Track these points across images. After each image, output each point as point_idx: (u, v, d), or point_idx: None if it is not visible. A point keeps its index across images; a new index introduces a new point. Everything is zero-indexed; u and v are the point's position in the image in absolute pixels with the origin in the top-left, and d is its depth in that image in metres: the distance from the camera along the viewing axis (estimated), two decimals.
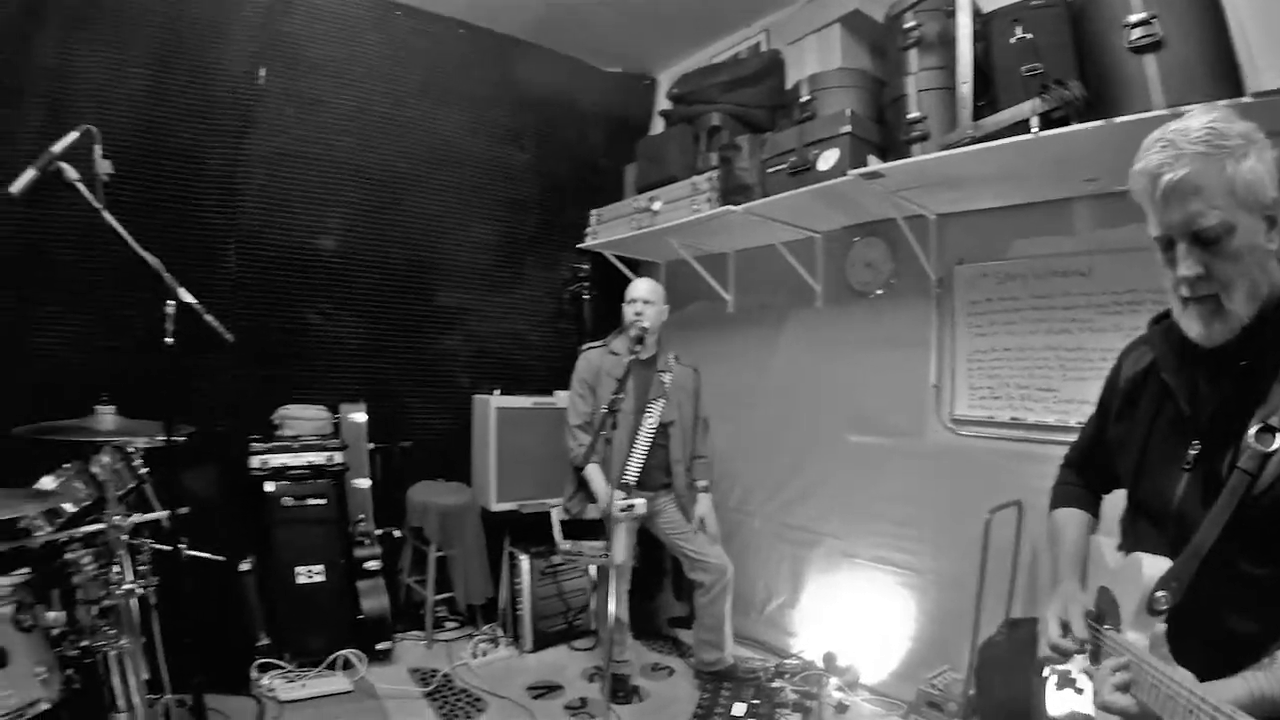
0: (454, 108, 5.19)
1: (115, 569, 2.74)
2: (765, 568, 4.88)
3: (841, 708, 3.96)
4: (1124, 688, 1.31)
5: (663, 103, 5.57)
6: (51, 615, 2.69)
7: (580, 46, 5.58)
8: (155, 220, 4.03)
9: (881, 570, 4.20)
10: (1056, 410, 3.51)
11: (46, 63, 3.88)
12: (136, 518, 2.92)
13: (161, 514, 3.07)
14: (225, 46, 4.36)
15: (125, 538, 2.80)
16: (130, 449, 3.13)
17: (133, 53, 4.10)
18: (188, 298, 2.60)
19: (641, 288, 4.18)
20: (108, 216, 2.41)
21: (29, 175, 2.36)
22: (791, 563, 4.73)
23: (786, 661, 4.32)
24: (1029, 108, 2.87)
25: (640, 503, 3.76)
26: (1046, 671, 1.74)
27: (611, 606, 3.57)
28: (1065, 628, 1.57)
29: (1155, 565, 1.40)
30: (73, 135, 2.43)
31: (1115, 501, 1.80)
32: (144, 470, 3.19)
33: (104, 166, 2.47)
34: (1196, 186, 1.29)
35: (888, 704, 3.98)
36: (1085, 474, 1.91)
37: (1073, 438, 3.27)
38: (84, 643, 2.71)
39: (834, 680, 4.16)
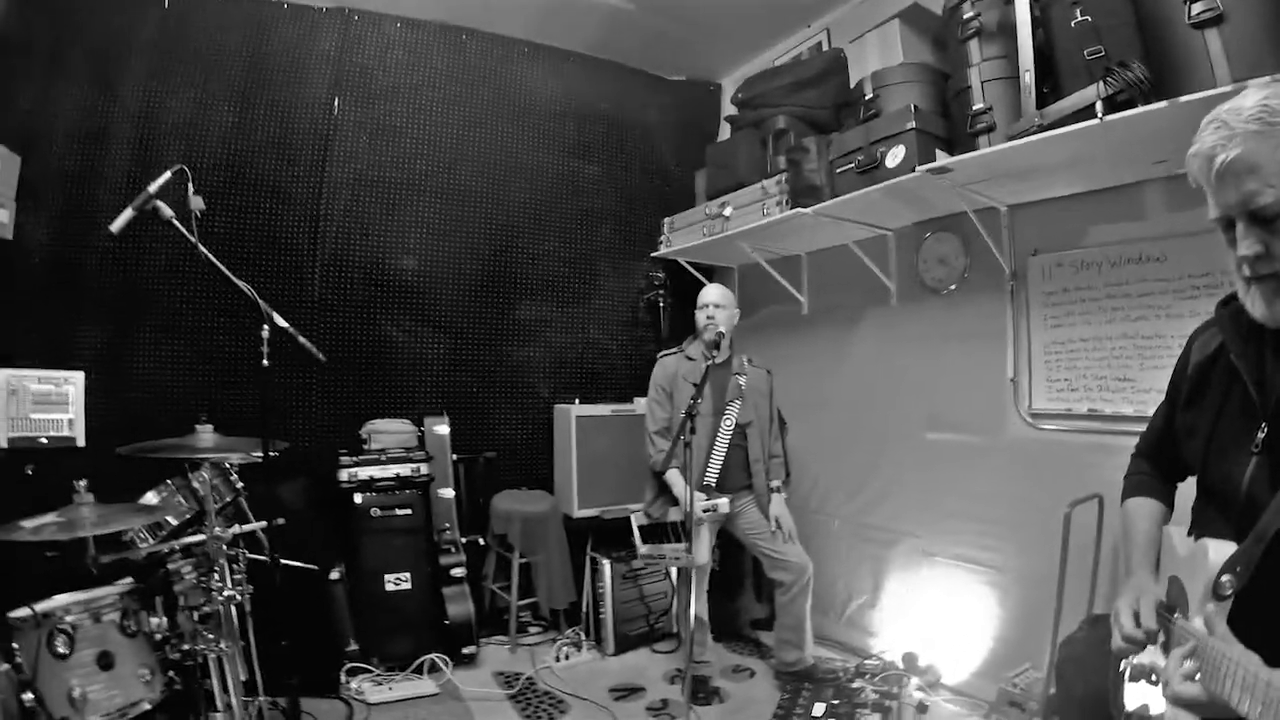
0: (523, 125, 5.36)
1: (215, 577, 2.89)
2: (845, 568, 4.86)
3: (922, 708, 3.91)
4: (1191, 676, 1.29)
5: (728, 108, 5.63)
6: (155, 621, 2.88)
7: (644, 58, 5.71)
8: (243, 249, 4.31)
9: (962, 568, 4.15)
10: (1135, 401, 3.42)
11: (133, 106, 4.19)
12: (236, 529, 3.09)
13: (260, 525, 3.26)
14: (302, 80, 4.64)
15: (225, 548, 2.95)
16: (227, 465, 3.33)
17: (215, 92, 4.41)
18: (281, 322, 2.73)
19: (712, 293, 4.24)
20: (203, 250, 2.56)
21: (127, 215, 2.50)
22: (871, 563, 4.71)
23: (867, 662, 4.28)
24: (1093, 92, 2.83)
25: (723, 502, 3.87)
26: (1122, 665, 1.73)
27: (693, 607, 3.63)
28: (1137, 619, 1.56)
29: (1221, 549, 1.38)
30: (166, 175, 2.57)
31: (1188, 490, 1.78)
32: (240, 485, 3.39)
33: (196, 203, 2.61)
34: (1251, 165, 1.28)
35: (970, 704, 3.92)
36: (1156, 463, 1.89)
37: None
38: (185, 646, 2.87)
39: (914, 680, 4.12)
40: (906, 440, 4.49)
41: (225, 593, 2.89)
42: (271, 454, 2.89)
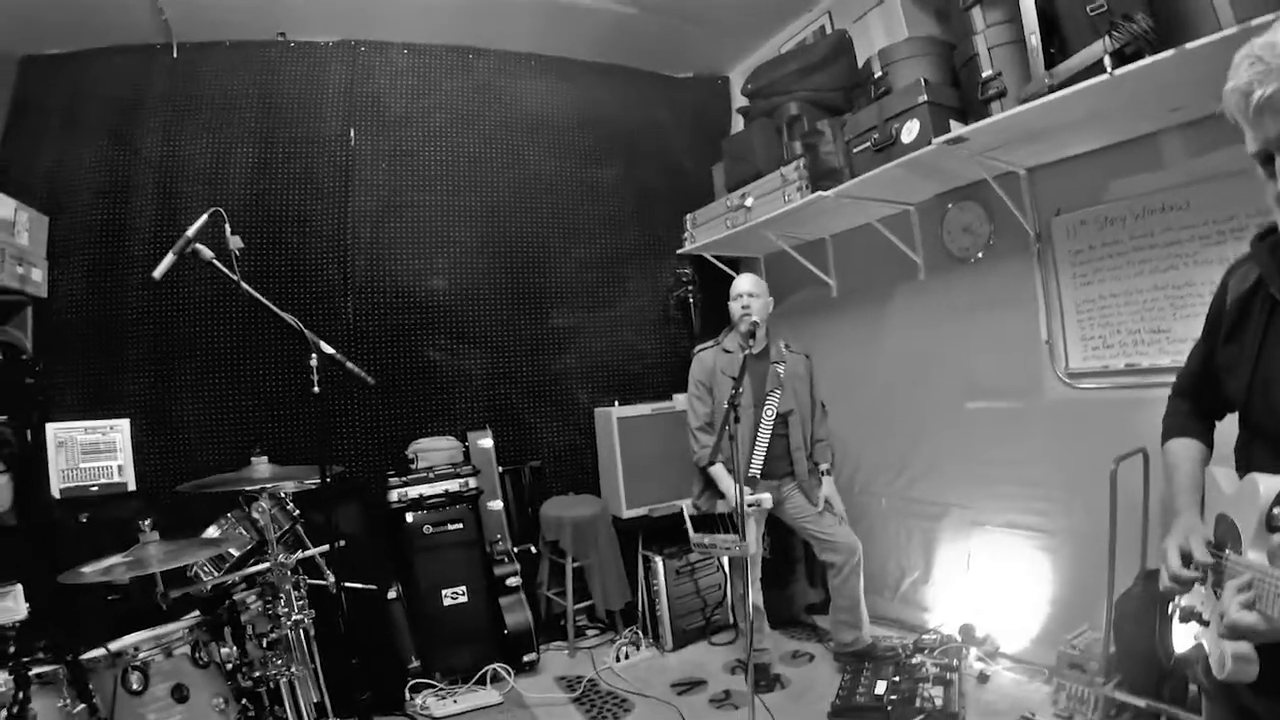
0: (538, 137, 5.45)
1: (281, 603, 2.97)
2: (895, 546, 4.87)
3: (983, 678, 3.92)
4: (1249, 605, 1.30)
5: (739, 100, 5.64)
6: (225, 651, 2.94)
7: (649, 59, 5.78)
8: (275, 284, 4.44)
9: (1012, 535, 4.15)
10: (1171, 351, 3.41)
11: (152, 157, 4.35)
12: (300, 554, 3.19)
13: (323, 548, 3.34)
14: (317, 115, 4.77)
15: (289, 574, 3.04)
16: (283, 494, 3.42)
17: (233, 135, 4.56)
18: (328, 349, 2.78)
19: (745, 283, 4.26)
20: (246, 287, 2.63)
21: (169, 260, 2.56)
22: (921, 537, 4.71)
23: (924, 637, 4.28)
24: (1099, 48, 2.83)
25: (765, 497, 3.89)
26: (1170, 608, 1.73)
27: (749, 596, 3.67)
28: (1186, 558, 1.57)
29: (1271, 482, 1.38)
30: (203, 219, 2.63)
31: (1227, 430, 1.79)
32: (296, 513, 3.48)
33: (235, 242, 2.67)
34: None
35: (1030, 670, 3.92)
36: (1196, 401, 1.87)
37: None
38: (256, 674, 2.95)
39: (974, 651, 4.13)
40: (946, 412, 4.50)
41: (293, 617, 2.97)
42: (330, 477, 2.95)
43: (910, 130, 3.75)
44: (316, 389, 2.68)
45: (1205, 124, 3.18)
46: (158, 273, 2.54)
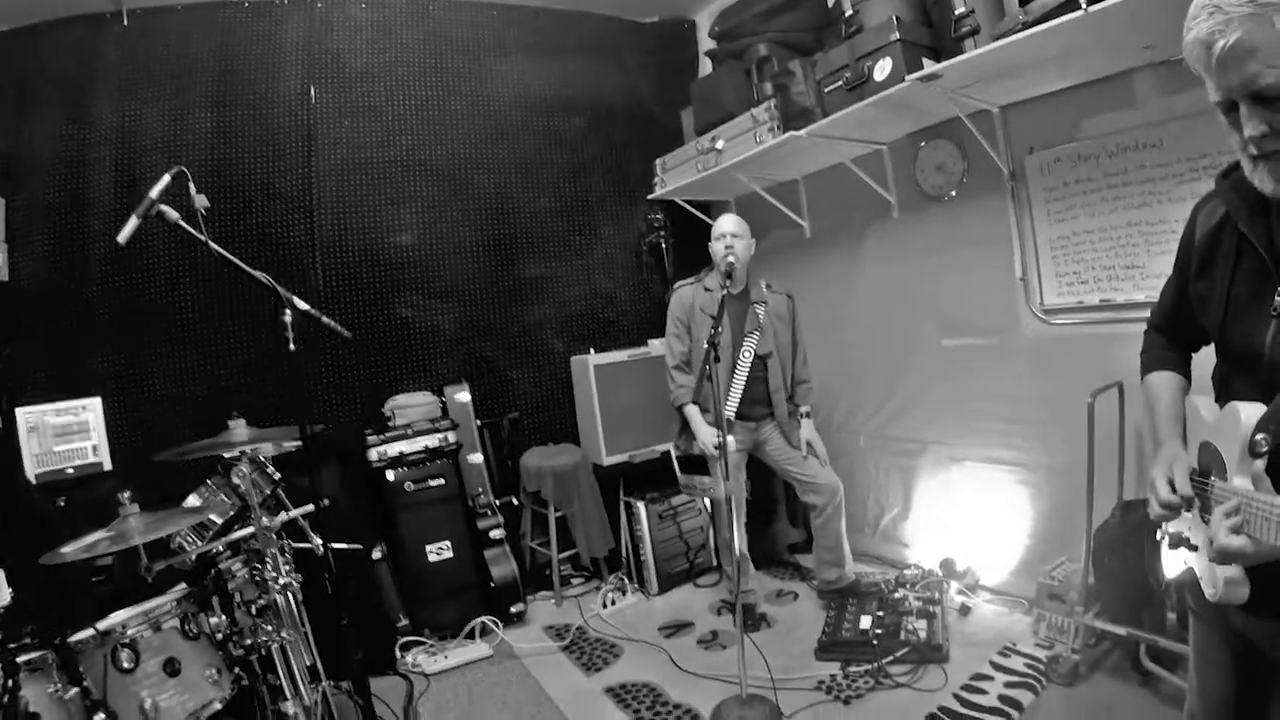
0: (502, 87, 5.33)
1: (268, 568, 2.93)
2: (874, 484, 4.97)
3: (965, 610, 4.05)
4: (1237, 530, 1.34)
5: (706, 43, 5.59)
6: (214, 621, 2.91)
7: (613, 4, 5.65)
8: (241, 249, 4.30)
9: (991, 470, 4.24)
10: (1145, 287, 3.47)
11: (108, 129, 4.19)
12: (284, 516, 3.16)
13: (306, 509, 3.28)
14: (276, 75, 4.62)
15: (274, 538, 2.99)
16: (262, 458, 3.35)
17: (190, 100, 4.39)
18: (303, 305, 2.70)
19: (727, 223, 4.22)
20: (214, 246, 2.51)
21: (132, 224, 2.45)
22: (900, 474, 4.80)
23: (906, 572, 4.39)
24: None
25: (730, 440, 3.90)
26: (1159, 534, 1.79)
27: (735, 540, 3.73)
28: (1172, 486, 1.61)
29: (1251, 410, 1.43)
30: (166, 179, 2.50)
31: (1204, 360, 1.84)
32: (277, 476, 3.39)
33: (200, 201, 2.55)
34: (1250, 48, 1.27)
35: (1010, 602, 4.05)
36: (1171, 335, 1.91)
37: None
38: (247, 641, 2.93)
39: (954, 585, 4.26)
40: (923, 350, 4.55)
41: (280, 581, 2.93)
42: (311, 434, 2.84)
43: (883, 68, 3.72)
44: (292, 346, 2.60)
45: (1178, 63, 3.16)
46: (122, 236, 2.44)
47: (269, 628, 2.93)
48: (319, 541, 3.17)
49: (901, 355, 4.70)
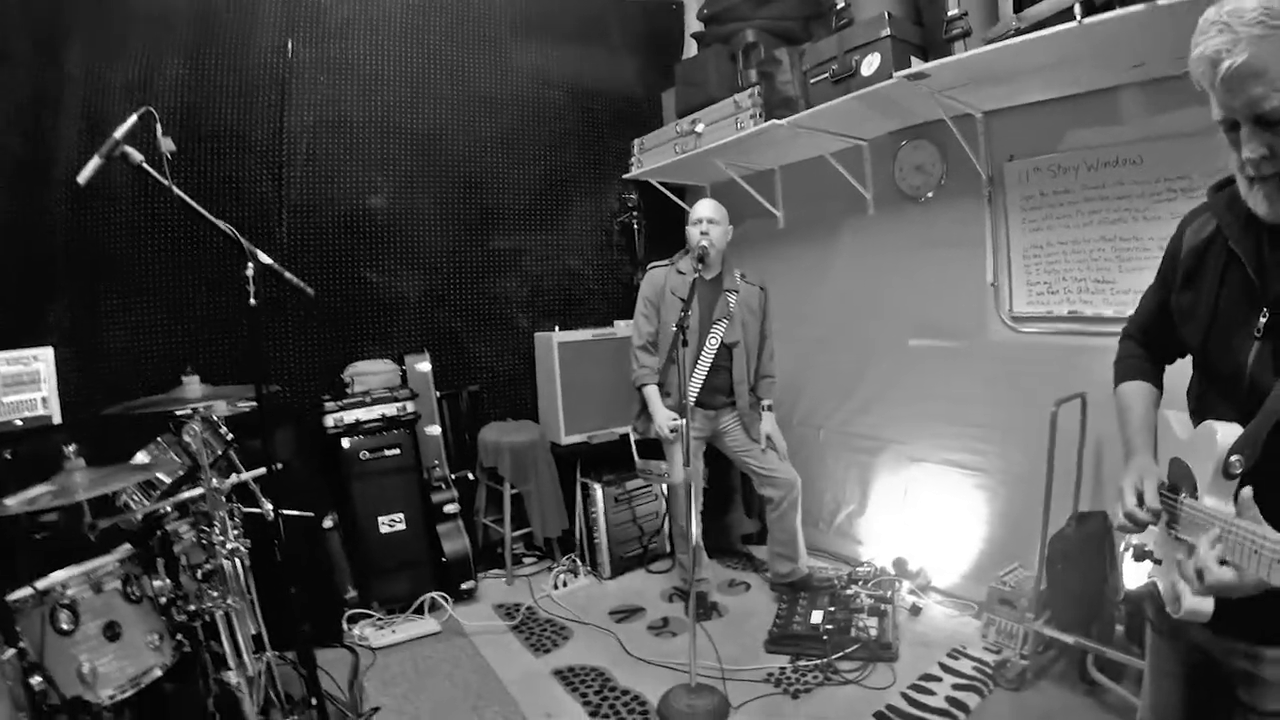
0: (483, 54, 5.22)
1: (216, 532, 2.83)
2: (832, 479, 5.00)
3: (915, 610, 4.10)
4: (1222, 560, 1.32)
5: (693, 26, 5.55)
6: (158, 584, 2.80)
7: None
8: (207, 202, 4.16)
9: (949, 472, 4.28)
10: (1114, 302, 3.52)
11: (77, 73, 3.99)
12: (235, 478, 3.06)
13: (258, 472, 3.18)
14: (253, 24, 4.45)
15: (223, 501, 2.89)
16: (215, 418, 3.22)
17: (162, 46, 4.20)
18: (265, 259, 2.62)
19: (705, 208, 4.20)
20: (178, 192, 2.40)
21: (94, 164, 2.35)
22: (858, 471, 4.84)
23: (858, 569, 4.45)
24: None
25: (680, 422, 3.80)
26: (1122, 545, 1.80)
27: (692, 528, 3.72)
28: (1139, 498, 1.62)
29: (1228, 431, 1.42)
30: (132, 119, 2.39)
31: (1177, 372, 1.86)
32: (230, 437, 3.25)
33: (167, 144, 2.45)
34: (1257, 70, 1.27)
35: (960, 604, 4.12)
36: (1147, 346, 1.92)
37: None
38: (191, 607, 2.80)
39: (906, 584, 4.31)
40: (889, 348, 4.58)
41: (228, 546, 2.84)
42: (267, 394, 2.75)
43: (871, 63, 3.72)
44: (253, 301, 2.54)
45: (1165, 83, 3.24)
46: (82, 177, 2.33)
47: (214, 594, 2.83)
48: (269, 506, 3.08)
49: (867, 352, 4.73)
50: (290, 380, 4.62)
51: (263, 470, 3.16)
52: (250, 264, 2.54)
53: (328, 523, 4.31)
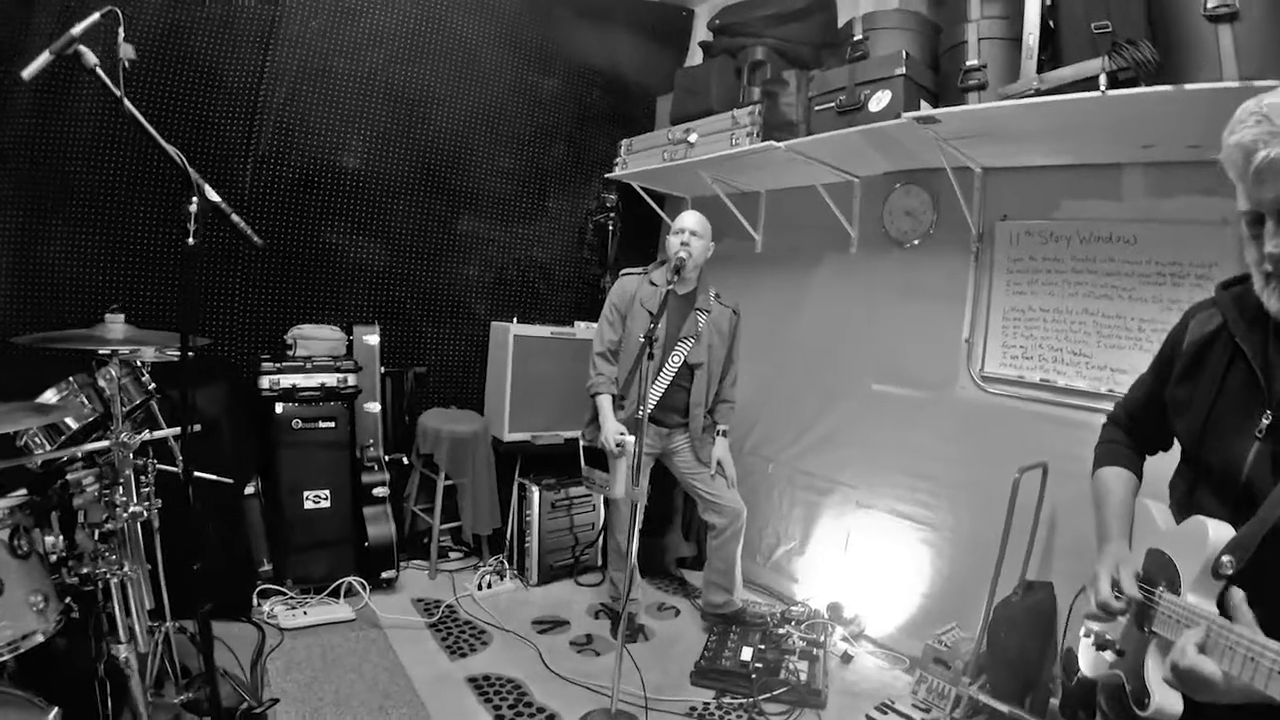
0: (485, 26, 5.13)
1: (120, 491, 2.59)
2: (776, 513, 5.00)
3: (847, 658, 4.09)
4: (1201, 649, 1.31)
5: (699, 35, 5.55)
6: (49, 540, 2.54)
7: None
8: (170, 134, 3.97)
9: (896, 523, 4.30)
10: (1089, 376, 3.57)
11: None
12: (145, 435, 2.82)
13: (172, 431, 2.98)
14: None
15: (131, 457, 2.65)
16: (139, 364, 3.03)
17: None
18: (213, 195, 2.38)
19: (689, 219, 4.13)
20: (129, 105, 2.19)
21: (43, 59, 2.12)
22: (804, 509, 4.84)
23: (793, 609, 4.44)
24: (1097, 65, 2.85)
25: (629, 440, 3.76)
26: (1084, 630, 1.81)
27: (631, 546, 3.64)
28: (1115, 587, 1.64)
29: (1221, 530, 1.43)
30: (94, 17, 2.18)
31: (1156, 464, 1.87)
32: (152, 386, 3.06)
33: (127, 51, 2.21)
34: None
35: (892, 657, 4.12)
36: (1133, 434, 1.93)
37: (1103, 405, 3.38)
38: (84, 570, 2.55)
39: (839, 630, 4.31)
40: (852, 390, 4.60)
41: (131, 509, 2.61)
42: (193, 345, 2.45)
43: (880, 99, 3.72)
44: (191, 240, 2.28)
45: (1170, 167, 3.31)
46: (27, 72, 2.13)
47: (112, 557, 2.58)
48: (181, 466, 2.87)
49: (829, 390, 4.74)
50: (230, 333, 4.49)
51: (177, 430, 2.95)
52: (195, 199, 2.32)
53: (249, 489, 4.17)
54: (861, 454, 4.53)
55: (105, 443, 2.63)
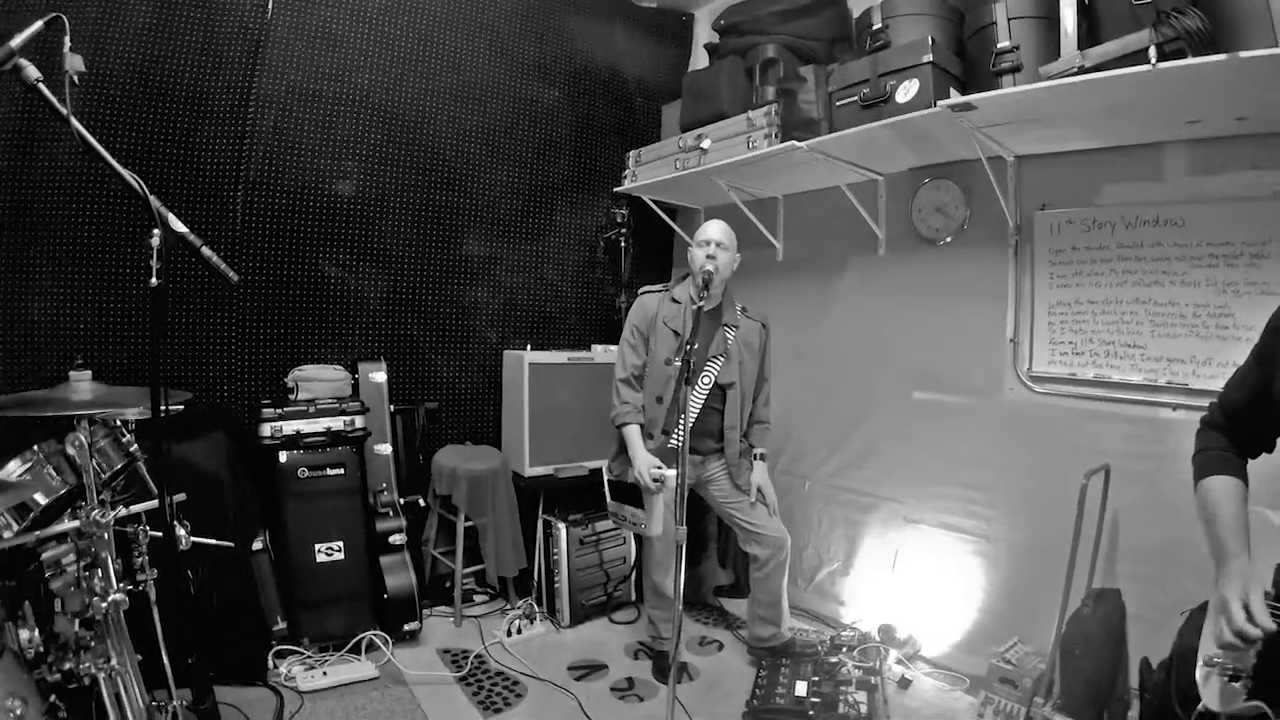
0: (478, 41, 5.09)
1: (98, 576, 2.40)
2: (815, 533, 4.91)
3: (904, 683, 3.99)
4: None
5: (702, 38, 5.54)
6: (24, 635, 2.29)
7: None
8: (155, 168, 3.95)
9: (947, 536, 4.22)
10: (1144, 369, 3.50)
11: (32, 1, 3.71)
12: (120, 511, 2.54)
13: (150, 505, 2.65)
14: None
15: (109, 536, 2.43)
16: (118, 423, 2.74)
17: None
18: (179, 226, 2.18)
19: (714, 229, 3.98)
20: (75, 124, 2.02)
21: None
22: (846, 528, 4.76)
23: (843, 634, 4.33)
24: (1145, 37, 2.80)
25: (671, 474, 3.63)
26: (1207, 659, 1.71)
27: (678, 588, 3.45)
28: (1247, 611, 1.56)
29: None
30: (37, 25, 2.03)
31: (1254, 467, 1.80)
32: (134, 448, 2.74)
33: (74, 63, 1.99)
34: None
35: (951, 678, 4.02)
36: (1234, 437, 1.87)
37: (1162, 398, 3.32)
38: (68, 665, 2.35)
39: (894, 653, 4.21)
40: (891, 399, 4.52)
41: (111, 596, 2.38)
42: (164, 404, 2.19)
43: (908, 89, 3.65)
44: (155, 280, 2.07)
45: (1217, 143, 3.25)
46: None
47: (98, 647, 2.40)
48: (181, 534, 2.61)
49: (866, 401, 4.66)
50: (226, 379, 4.40)
51: (154, 504, 2.63)
52: (157, 231, 2.10)
53: (257, 544, 4.06)
54: (905, 466, 4.45)
55: (76, 523, 2.41)
